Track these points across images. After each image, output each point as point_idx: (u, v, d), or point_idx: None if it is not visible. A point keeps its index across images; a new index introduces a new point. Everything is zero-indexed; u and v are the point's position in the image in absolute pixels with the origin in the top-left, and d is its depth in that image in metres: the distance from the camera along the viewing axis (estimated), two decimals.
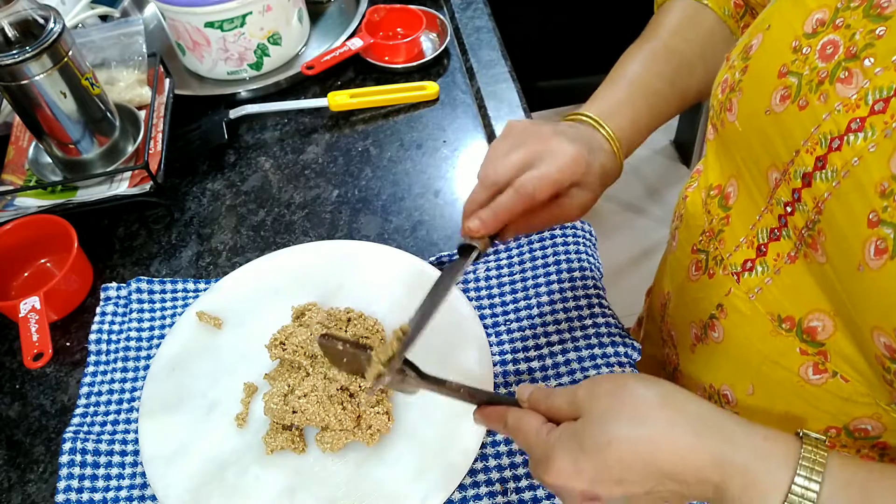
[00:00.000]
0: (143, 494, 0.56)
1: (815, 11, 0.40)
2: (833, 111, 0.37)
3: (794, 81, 0.40)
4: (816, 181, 0.39)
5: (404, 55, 0.90)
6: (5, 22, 0.64)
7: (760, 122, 0.43)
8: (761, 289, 0.46)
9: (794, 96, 0.40)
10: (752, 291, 0.47)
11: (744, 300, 0.48)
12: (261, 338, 0.61)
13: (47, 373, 0.66)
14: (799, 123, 0.40)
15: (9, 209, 0.73)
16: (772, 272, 0.45)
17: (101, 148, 0.75)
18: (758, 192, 0.45)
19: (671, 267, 0.60)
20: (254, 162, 0.83)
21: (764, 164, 0.44)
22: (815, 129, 0.38)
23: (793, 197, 0.41)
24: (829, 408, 0.44)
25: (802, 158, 0.39)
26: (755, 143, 0.44)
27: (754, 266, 0.46)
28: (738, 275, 0.48)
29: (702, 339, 0.54)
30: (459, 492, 0.54)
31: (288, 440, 0.55)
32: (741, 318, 0.48)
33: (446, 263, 0.68)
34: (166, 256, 0.74)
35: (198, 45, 0.87)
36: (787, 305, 0.44)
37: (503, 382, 0.59)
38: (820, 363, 0.44)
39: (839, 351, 0.42)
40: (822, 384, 0.44)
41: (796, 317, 0.44)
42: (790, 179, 0.41)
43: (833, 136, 0.37)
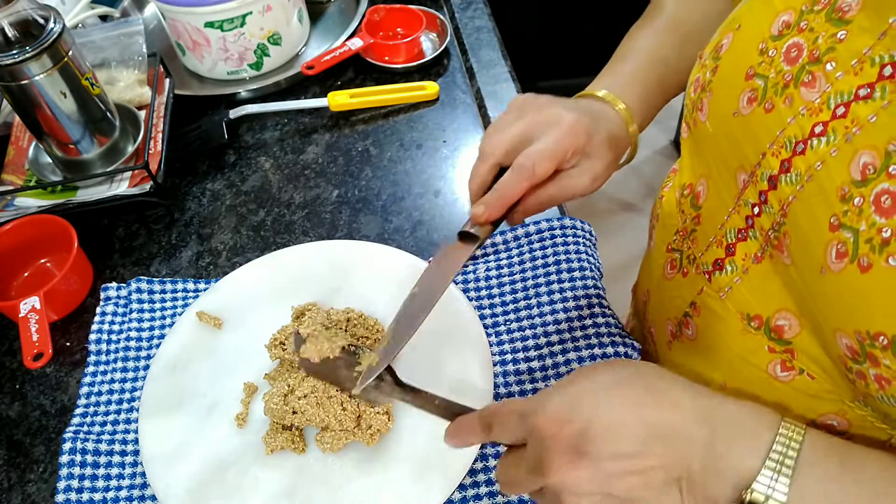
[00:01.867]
0: (143, 494, 0.56)
1: (781, 13, 0.40)
2: (798, 115, 0.38)
3: (761, 84, 0.41)
4: (782, 184, 0.39)
5: (404, 55, 0.90)
6: (5, 22, 0.64)
7: (729, 123, 0.43)
8: (731, 288, 0.46)
9: (761, 99, 0.41)
10: (723, 290, 0.47)
11: (715, 299, 0.48)
12: (261, 338, 0.61)
13: (47, 373, 0.66)
14: (765, 126, 0.40)
15: (9, 209, 0.73)
16: (740, 272, 0.45)
17: (101, 148, 0.75)
18: (727, 192, 0.46)
19: (649, 266, 0.61)
20: (254, 162, 0.83)
21: (732, 165, 0.44)
22: (781, 133, 0.39)
23: (759, 199, 0.42)
24: (797, 404, 0.45)
25: (769, 161, 0.40)
26: (724, 144, 0.45)
27: (724, 265, 0.47)
28: (709, 274, 0.48)
29: (677, 337, 0.54)
30: (459, 492, 0.54)
31: (288, 440, 0.55)
32: (713, 316, 0.49)
33: None
34: (166, 256, 0.74)
35: (198, 45, 0.87)
36: (756, 305, 0.45)
37: (503, 382, 0.59)
38: (787, 361, 0.44)
39: (805, 349, 0.42)
40: (789, 381, 0.44)
41: (764, 316, 0.44)
42: (757, 181, 0.41)
43: (797, 140, 0.38)
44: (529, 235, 0.68)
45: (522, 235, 0.68)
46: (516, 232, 0.68)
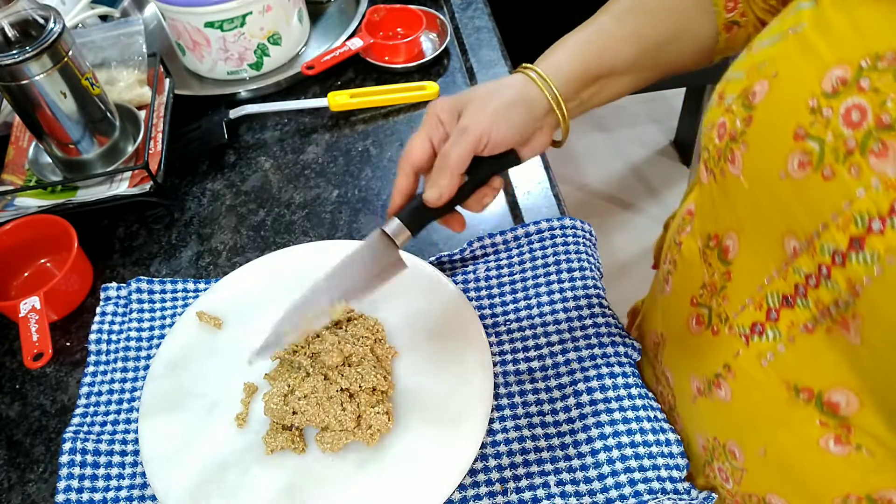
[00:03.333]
0: (143, 494, 0.56)
1: (833, 67, 0.36)
2: (869, 188, 0.34)
3: (815, 147, 0.37)
4: (852, 262, 0.35)
5: (404, 55, 0.90)
6: (5, 22, 0.64)
7: (774, 185, 0.39)
8: (774, 355, 0.43)
9: (817, 164, 0.36)
10: (764, 357, 0.44)
11: (754, 365, 0.44)
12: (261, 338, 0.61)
13: (47, 373, 0.66)
14: (825, 195, 0.36)
15: (9, 209, 0.73)
16: (785, 339, 0.42)
17: (101, 148, 0.75)
18: (767, 253, 0.42)
19: (665, 311, 0.57)
20: (254, 162, 0.83)
21: (778, 228, 0.40)
22: (848, 206, 0.35)
23: (819, 272, 0.38)
24: (852, 477, 0.42)
25: (833, 235, 0.36)
26: (767, 205, 0.41)
27: (765, 330, 0.43)
28: (746, 337, 0.45)
29: (705, 394, 0.51)
30: (459, 492, 0.54)
31: (288, 440, 0.55)
32: (752, 382, 0.45)
33: (446, 263, 0.68)
34: (166, 256, 0.74)
35: (198, 45, 0.87)
36: (805, 376, 0.41)
37: (503, 382, 0.59)
38: (843, 436, 0.41)
39: (866, 427, 0.39)
40: (844, 455, 0.41)
41: (815, 389, 0.41)
42: (815, 253, 0.38)
43: (872, 217, 0.34)
44: (529, 235, 0.68)
45: (522, 235, 0.68)
46: (516, 232, 0.68)
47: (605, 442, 0.54)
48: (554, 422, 0.56)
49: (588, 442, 0.54)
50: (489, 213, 0.73)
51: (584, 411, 0.56)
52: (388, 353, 0.60)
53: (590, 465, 0.53)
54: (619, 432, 0.54)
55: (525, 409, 0.58)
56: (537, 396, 0.58)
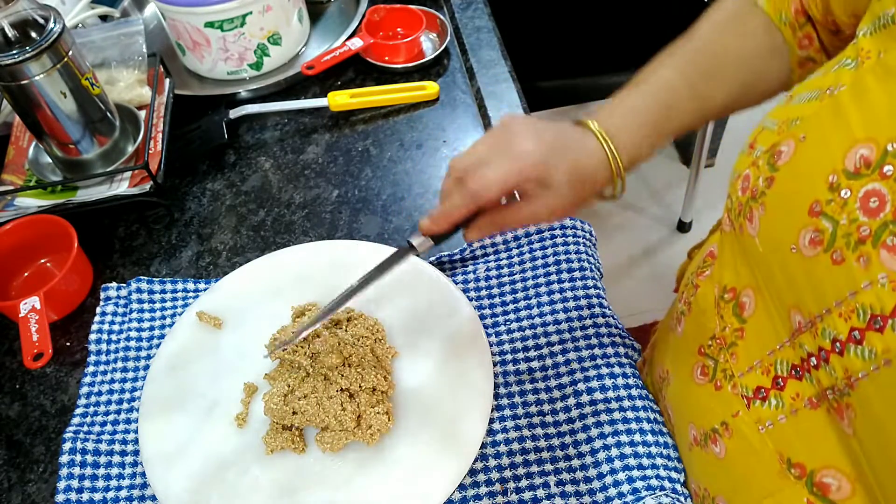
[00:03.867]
0: (143, 494, 0.56)
1: (860, 144, 0.34)
2: (876, 282, 0.32)
3: (829, 227, 0.35)
4: (850, 354, 0.34)
5: (404, 55, 0.90)
6: (5, 22, 0.64)
7: (785, 257, 0.38)
8: (773, 424, 0.42)
9: (827, 246, 0.35)
10: (763, 424, 0.43)
11: (752, 429, 0.43)
12: (261, 338, 0.61)
13: (47, 373, 0.66)
14: (831, 280, 0.35)
15: (9, 209, 0.73)
16: (788, 411, 0.41)
17: (101, 148, 0.75)
18: (780, 321, 0.41)
19: (673, 350, 0.56)
20: (254, 162, 0.83)
21: (787, 301, 0.39)
22: (852, 295, 0.34)
23: (819, 354, 0.37)
24: None
25: (834, 321, 0.35)
26: (778, 274, 0.40)
27: (768, 397, 0.42)
28: (749, 400, 0.44)
29: (701, 445, 0.50)
30: (459, 492, 0.54)
31: (288, 440, 0.55)
32: (747, 446, 0.44)
33: (446, 263, 0.68)
34: (166, 256, 0.74)
35: (198, 45, 0.87)
36: (800, 451, 0.40)
37: (503, 382, 0.59)
38: None
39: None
40: None
41: (808, 466, 0.40)
42: (817, 335, 0.37)
43: (874, 314, 0.32)
44: (529, 235, 0.68)
45: (522, 235, 0.68)
46: (516, 232, 0.68)
47: (605, 442, 0.54)
48: (554, 422, 0.56)
49: (588, 442, 0.54)
50: None
51: (584, 411, 0.56)
52: (388, 353, 0.60)
53: (590, 465, 0.53)
54: (618, 432, 0.54)
55: (525, 409, 0.58)
56: (537, 396, 0.58)
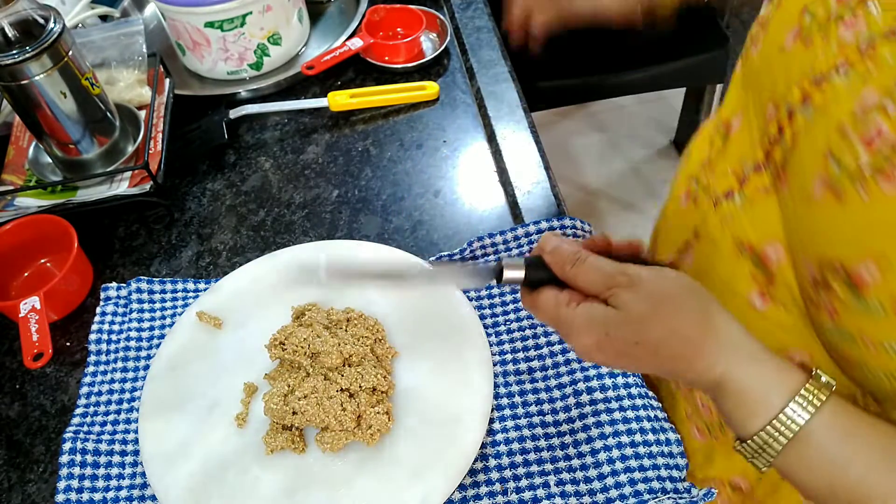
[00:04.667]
0: (143, 494, 0.56)
1: None
2: (829, 51, 0.38)
3: (808, 20, 0.41)
4: (797, 116, 0.40)
5: (404, 55, 0.90)
6: (5, 22, 0.64)
7: (773, 58, 0.44)
8: (734, 216, 0.48)
9: (805, 35, 0.41)
10: (725, 219, 0.49)
11: (716, 226, 0.50)
12: (261, 338, 0.61)
13: (47, 373, 0.66)
14: (799, 61, 0.41)
15: (9, 209, 0.73)
16: (747, 202, 0.47)
17: (101, 148, 0.75)
18: (756, 126, 0.47)
19: (665, 206, 0.62)
20: (254, 162, 0.83)
21: (765, 98, 0.45)
22: (810, 68, 0.40)
23: (778, 131, 0.43)
24: (770, 337, 0.45)
25: (793, 93, 0.41)
26: (765, 78, 0.45)
27: (733, 195, 0.48)
28: (717, 201, 0.50)
29: (675, 266, 0.54)
30: (459, 492, 0.54)
31: (288, 440, 0.55)
32: (710, 244, 0.50)
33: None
34: (166, 256, 0.74)
35: (198, 45, 0.87)
36: (751, 233, 0.47)
37: (503, 382, 0.59)
38: (766, 291, 0.46)
39: (784, 281, 0.44)
40: (765, 311, 0.46)
41: (756, 245, 0.46)
42: (780, 112, 0.42)
43: (821, 74, 0.38)
44: (529, 235, 0.68)
45: (522, 235, 0.68)
46: (516, 232, 0.68)
47: (605, 442, 0.54)
48: (554, 422, 0.56)
49: (588, 442, 0.54)
50: (489, 213, 0.73)
51: (584, 411, 0.56)
52: (388, 353, 0.60)
53: (590, 465, 0.53)
54: (619, 432, 0.54)
55: (525, 409, 0.58)
56: (537, 396, 0.58)
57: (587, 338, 0.41)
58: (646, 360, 0.41)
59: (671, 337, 0.39)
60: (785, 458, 0.38)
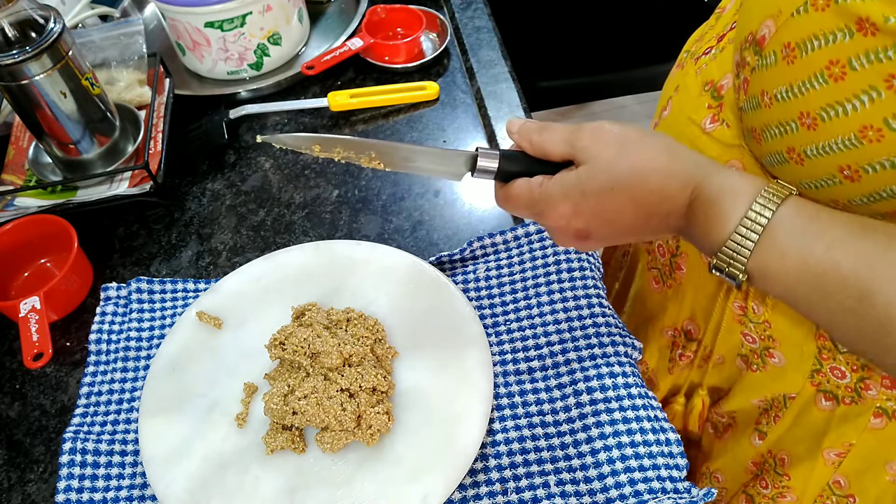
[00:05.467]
0: (143, 494, 0.56)
1: None
2: None
3: None
4: None
5: (404, 55, 0.90)
6: (5, 22, 0.64)
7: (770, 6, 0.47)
8: (707, 65, 0.55)
9: None
10: (700, 68, 0.56)
11: (693, 77, 0.57)
12: (261, 338, 0.61)
13: (47, 373, 0.66)
14: None
15: (9, 209, 0.73)
16: (717, 52, 0.55)
17: (101, 148, 0.75)
18: None
19: None
20: (254, 162, 0.83)
21: None
22: None
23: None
24: (714, 153, 0.52)
25: None
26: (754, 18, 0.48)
27: (711, 51, 0.56)
28: (697, 59, 0.58)
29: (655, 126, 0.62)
30: (459, 492, 0.54)
31: (288, 440, 0.55)
32: (686, 92, 0.57)
33: (446, 264, 0.68)
34: (166, 256, 0.74)
35: (198, 45, 0.87)
36: (716, 73, 0.54)
37: (503, 382, 0.59)
38: (716, 114, 0.53)
39: (729, 100, 0.51)
40: (713, 132, 0.53)
41: (716, 81, 0.53)
42: None
43: None
44: (529, 235, 0.68)
45: (522, 235, 0.68)
46: (516, 232, 0.68)
47: (605, 442, 0.54)
48: (554, 422, 0.56)
49: (588, 442, 0.54)
50: (489, 213, 0.73)
51: (584, 411, 0.56)
52: (388, 353, 0.60)
53: (590, 465, 0.53)
54: (619, 432, 0.54)
55: (525, 409, 0.58)
56: (537, 396, 0.58)
57: (563, 205, 0.44)
58: (624, 209, 0.43)
59: (643, 170, 0.42)
60: (758, 255, 0.40)
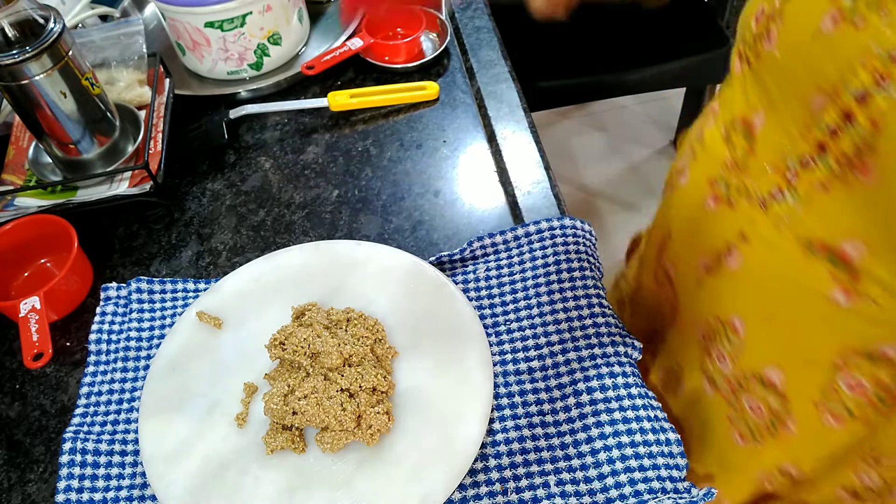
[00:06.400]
0: (143, 494, 0.56)
1: None
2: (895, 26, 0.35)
3: (848, 3, 0.38)
4: (875, 99, 0.37)
5: (404, 55, 0.90)
6: (5, 22, 0.64)
7: (806, 47, 0.41)
8: (790, 216, 0.45)
9: (849, 16, 0.38)
10: (781, 219, 0.46)
11: (770, 228, 0.47)
12: (261, 338, 0.61)
13: (47, 373, 0.66)
14: (854, 42, 0.38)
15: (9, 209, 0.73)
16: (803, 200, 0.44)
17: (101, 148, 0.75)
18: (792, 120, 0.44)
19: (678, 203, 0.58)
20: (254, 162, 0.83)
21: (805, 89, 0.42)
22: (876, 47, 0.36)
23: (843, 119, 0.39)
24: (855, 331, 0.44)
25: (859, 77, 0.37)
26: (798, 69, 0.42)
27: (783, 193, 0.45)
28: (764, 202, 0.47)
29: (711, 270, 0.52)
30: (459, 492, 0.54)
31: (288, 440, 0.55)
32: (766, 245, 0.47)
33: (446, 263, 0.68)
34: (166, 256, 0.74)
35: (198, 45, 0.87)
36: (820, 231, 0.43)
37: (503, 382, 0.59)
38: (851, 287, 0.43)
39: (873, 275, 0.41)
40: (851, 307, 0.44)
41: (829, 242, 0.43)
42: (839, 100, 0.39)
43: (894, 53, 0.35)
44: (529, 235, 0.68)
45: (522, 235, 0.68)
46: (516, 232, 0.68)
47: (605, 442, 0.54)
48: (554, 422, 0.56)
49: (588, 442, 0.54)
50: (489, 213, 0.74)
51: (584, 411, 0.56)
52: (388, 353, 0.60)
53: (590, 465, 0.53)
54: (619, 432, 0.54)
55: (525, 409, 0.58)
56: (537, 396, 0.58)
57: None
58: None
59: None
60: None
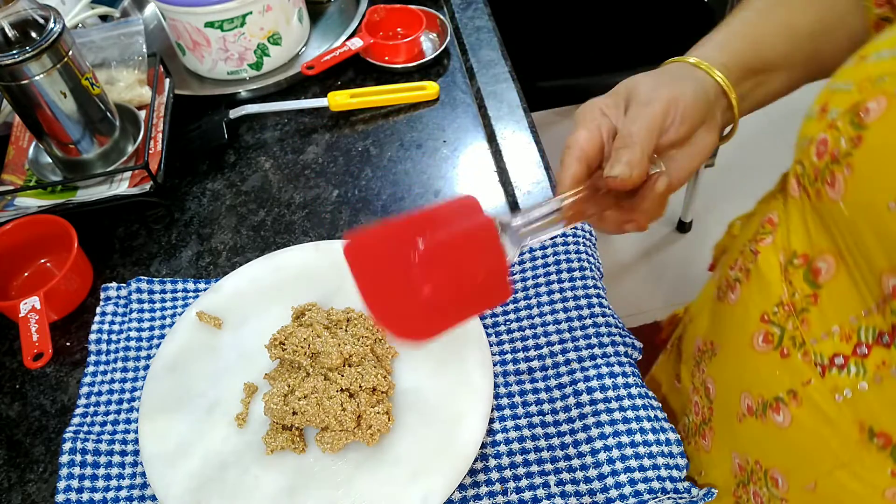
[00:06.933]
0: (143, 494, 0.56)
1: None
2: None
3: None
4: None
5: (404, 55, 0.90)
6: (5, 22, 0.64)
7: (881, 216, 0.35)
8: (852, 392, 0.39)
9: None
10: (840, 392, 0.40)
11: (826, 398, 0.41)
12: (261, 338, 0.61)
13: (47, 373, 0.66)
14: None
15: (9, 209, 0.73)
16: (871, 378, 0.38)
17: (101, 148, 0.75)
18: (866, 286, 0.38)
19: (723, 319, 0.53)
20: (254, 162, 0.83)
21: (878, 264, 0.36)
22: None
23: None
24: None
25: None
26: (868, 236, 0.37)
27: (847, 364, 0.39)
28: (823, 367, 0.41)
29: (757, 415, 0.47)
30: (459, 492, 0.54)
31: (288, 440, 0.55)
32: (819, 415, 0.42)
33: None
34: (166, 256, 0.74)
35: (198, 45, 0.87)
36: (885, 421, 0.38)
37: (503, 382, 0.59)
38: None
39: None
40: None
41: (895, 436, 0.37)
42: None
43: None
44: None
45: None
46: None
47: (605, 442, 0.54)
48: (554, 421, 0.56)
49: (588, 442, 0.54)
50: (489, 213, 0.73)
51: (584, 411, 0.56)
52: (388, 352, 0.60)
53: (590, 465, 0.53)
54: (619, 432, 0.54)
55: (525, 409, 0.58)
56: (537, 396, 0.58)
57: None
58: None
59: None
60: None
